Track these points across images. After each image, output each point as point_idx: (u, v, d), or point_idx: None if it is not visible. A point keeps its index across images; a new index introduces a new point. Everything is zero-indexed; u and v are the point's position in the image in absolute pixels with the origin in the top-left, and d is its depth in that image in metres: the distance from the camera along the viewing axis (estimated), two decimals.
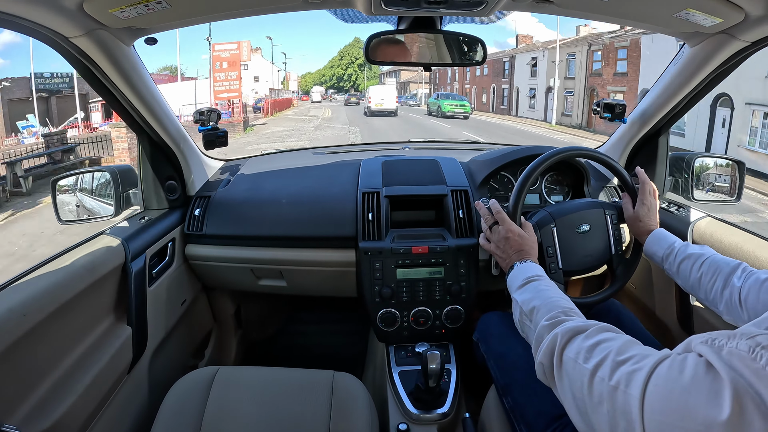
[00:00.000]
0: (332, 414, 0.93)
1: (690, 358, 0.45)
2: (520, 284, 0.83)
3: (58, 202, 1.18)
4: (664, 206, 1.29)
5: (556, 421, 0.81)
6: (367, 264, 1.18)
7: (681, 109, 1.21)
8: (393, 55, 1.04)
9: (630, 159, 1.41)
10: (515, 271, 0.88)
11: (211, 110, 1.35)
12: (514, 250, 0.92)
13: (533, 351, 0.69)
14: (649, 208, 1.02)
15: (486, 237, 1.01)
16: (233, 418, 0.92)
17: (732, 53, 0.96)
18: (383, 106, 21.91)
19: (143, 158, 1.24)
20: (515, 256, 0.91)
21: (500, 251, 0.95)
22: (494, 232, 0.98)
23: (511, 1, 0.85)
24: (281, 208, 1.29)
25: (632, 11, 0.93)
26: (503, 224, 0.96)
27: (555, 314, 0.69)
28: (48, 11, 0.74)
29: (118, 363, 1.00)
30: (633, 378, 0.48)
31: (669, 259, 0.93)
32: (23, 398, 0.76)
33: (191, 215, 1.30)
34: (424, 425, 1.04)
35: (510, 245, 0.93)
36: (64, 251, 0.98)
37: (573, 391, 0.56)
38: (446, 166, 1.38)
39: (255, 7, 0.93)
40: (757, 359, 0.40)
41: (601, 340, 0.58)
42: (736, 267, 0.81)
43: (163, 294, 1.19)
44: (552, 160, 1.03)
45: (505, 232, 0.95)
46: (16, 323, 0.74)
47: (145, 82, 1.04)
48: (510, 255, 0.92)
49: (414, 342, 1.15)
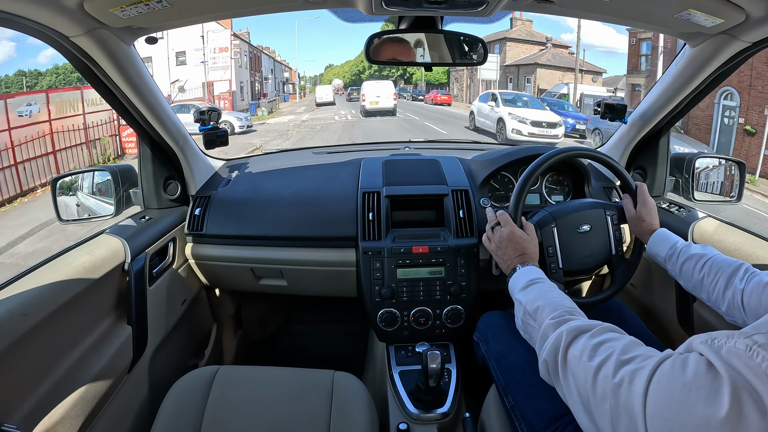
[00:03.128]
0: (332, 414, 0.93)
1: (691, 358, 0.46)
2: (523, 286, 0.83)
3: (58, 202, 1.18)
4: (665, 206, 1.29)
5: (557, 420, 0.81)
6: (368, 264, 1.18)
7: (682, 109, 1.21)
8: (393, 54, 1.04)
9: (631, 159, 1.41)
10: (518, 274, 0.88)
11: (212, 109, 1.35)
12: (517, 253, 0.92)
13: (537, 349, 0.70)
14: (650, 208, 1.02)
15: (488, 237, 1.01)
16: (233, 418, 0.92)
17: (733, 54, 0.96)
18: (379, 105, 19.04)
19: (144, 157, 1.24)
20: (517, 259, 0.91)
21: (501, 252, 0.95)
22: (496, 232, 0.98)
23: (511, 1, 0.85)
24: (282, 207, 1.29)
25: (633, 11, 0.92)
26: (506, 226, 0.96)
27: (560, 313, 0.70)
28: (49, 10, 0.74)
29: (119, 362, 1.00)
30: (636, 376, 0.49)
31: (672, 260, 0.93)
32: (23, 398, 0.76)
33: (192, 215, 1.30)
34: (424, 425, 1.04)
35: (512, 247, 0.93)
36: (64, 251, 0.98)
37: (578, 389, 0.57)
38: (447, 166, 1.38)
39: (255, 6, 0.93)
40: (754, 357, 0.41)
41: (606, 340, 0.58)
42: (738, 268, 0.81)
43: (163, 294, 1.19)
44: (553, 161, 1.03)
45: (507, 234, 0.95)
46: (17, 323, 0.74)
47: (146, 82, 1.04)
48: (512, 258, 0.92)
49: (414, 342, 1.15)
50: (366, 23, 1.03)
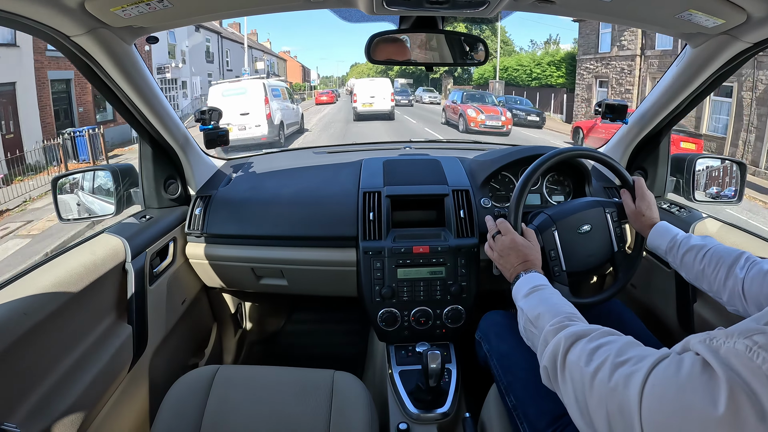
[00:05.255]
0: (332, 414, 0.93)
1: (687, 357, 0.46)
2: (526, 293, 0.83)
3: (59, 201, 1.18)
4: (666, 207, 1.29)
5: (558, 420, 0.81)
6: (368, 263, 1.18)
7: (683, 110, 1.21)
8: (394, 54, 1.04)
9: (631, 160, 1.41)
10: (521, 281, 0.87)
11: (212, 109, 1.34)
12: (520, 260, 0.92)
13: (538, 356, 0.70)
14: (649, 202, 1.02)
15: (489, 246, 1.01)
16: (233, 418, 0.92)
17: (734, 54, 0.96)
18: (373, 107, 16.12)
19: (144, 157, 1.24)
20: (520, 266, 0.91)
21: (504, 261, 0.95)
22: (497, 241, 0.97)
23: (512, 1, 0.85)
24: (282, 207, 1.29)
25: (634, 12, 0.92)
26: (506, 234, 0.96)
27: (560, 319, 0.70)
28: (49, 10, 0.74)
29: (119, 362, 1.00)
30: (631, 379, 0.49)
31: (673, 252, 0.93)
32: (24, 397, 0.76)
33: (192, 214, 1.30)
34: (424, 425, 1.04)
35: (514, 255, 0.93)
36: (64, 250, 0.98)
37: (575, 394, 0.57)
38: (447, 166, 1.38)
39: (256, 6, 0.93)
40: (754, 358, 0.40)
41: (603, 344, 0.58)
42: (738, 257, 0.82)
43: (163, 293, 1.19)
44: (553, 161, 1.03)
45: (509, 242, 0.94)
46: (17, 322, 0.74)
47: (147, 81, 1.04)
48: (515, 266, 0.92)
49: (414, 342, 1.15)
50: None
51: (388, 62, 1.06)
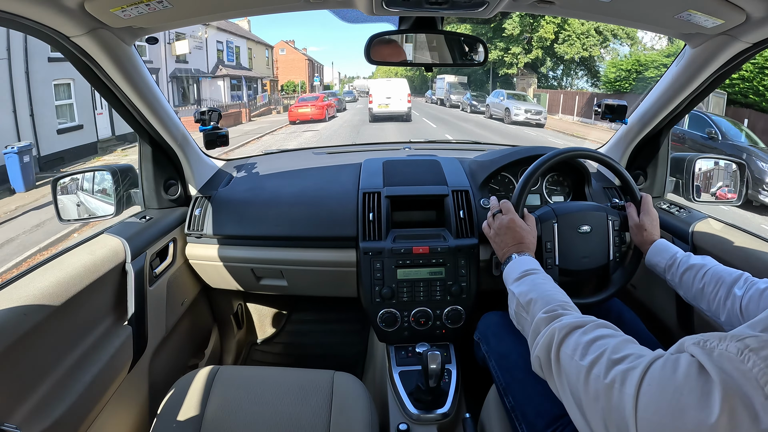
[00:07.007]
0: (332, 414, 0.93)
1: (683, 359, 0.46)
2: (517, 276, 0.83)
3: (58, 201, 1.18)
4: (665, 207, 1.29)
5: (557, 420, 0.81)
6: (368, 264, 1.18)
7: (682, 110, 1.21)
8: (394, 55, 1.04)
9: (631, 160, 1.41)
10: (513, 264, 0.88)
11: (212, 110, 1.35)
12: (514, 241, 0.92)
13: (529, 342, 0.70)
14: (653, 218, 1.02)
15: (488, 223, 1.02)
16: (233, 418, 0.92)
17: (733, 54, 0.96)
18: (389, 108, 15.81)
19: (144, 157, 1.24)
20: (514, 247, 0.92)
21: (499, 239, 0.95)
22: (496, 219, 0.98)
23: (512, 1, 0.85)
24: (282, 207, 1.29)
25: (634, 12, 0.92)
26: (507, 213, 0.97)
27: (552, 307, 0.70)
28: (49, 10, 0.74)
29: (119, 362, 1.00)
30: (628, 377, 0.49)
31: (671, 270, 0.93)
32: (23, 397, 0.76)
33: (192, 215, 1.30)
34: (424, 425, 1.04)
35: (510, 235, 0.93)
36: (64, 250, 0.98)
37: (570, 387, 0.57)
38: (447, 167, 1.38)
39: (256, 6, 0.93)
40: (745, 362, 0.41)
41: (598, 337, 0.58)
42: (738, 277, 0.82)
43: (163, 294, 1.19)
44: (553, 161, 1.03)
45: (507, 222, 0.95)
46: (17, 322, 0.74)
47: (146, 82, 1.04)
48: (509, 245, 0.92)
49: (414, 342, 1.15)
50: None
51: (388, 63, 1.06)
